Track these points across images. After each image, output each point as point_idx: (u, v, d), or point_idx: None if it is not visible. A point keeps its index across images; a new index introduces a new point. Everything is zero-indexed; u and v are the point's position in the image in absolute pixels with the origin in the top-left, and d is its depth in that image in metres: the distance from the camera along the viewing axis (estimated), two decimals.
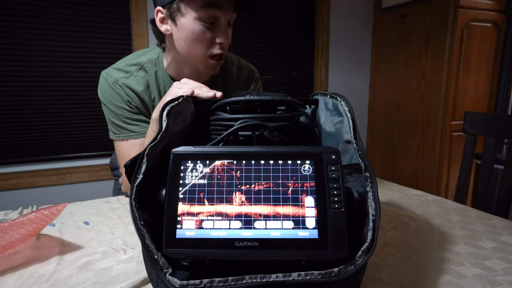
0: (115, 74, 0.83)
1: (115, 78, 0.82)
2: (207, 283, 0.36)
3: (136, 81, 0.83)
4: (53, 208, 0.59)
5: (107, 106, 0.83)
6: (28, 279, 0.49)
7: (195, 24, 0.75)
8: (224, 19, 0.76)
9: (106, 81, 0.83)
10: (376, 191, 0.42)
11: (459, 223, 0.69)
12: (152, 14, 0.84)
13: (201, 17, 0.74)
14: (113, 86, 0.82)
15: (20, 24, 1.71)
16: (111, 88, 0.82)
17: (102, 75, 0.84)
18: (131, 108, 0.83)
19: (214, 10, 0.74)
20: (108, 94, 0.82)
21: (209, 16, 0.74)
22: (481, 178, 1.08)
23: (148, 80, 0.84)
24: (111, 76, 0.83)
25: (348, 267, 0.37)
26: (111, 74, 0.83)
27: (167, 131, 0.46)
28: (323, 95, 0.61)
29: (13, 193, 1.84)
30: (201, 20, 0.75)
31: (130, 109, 0.82)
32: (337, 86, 2.60)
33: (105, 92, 0.83)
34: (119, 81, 0.82)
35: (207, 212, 0.39)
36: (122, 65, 0.85)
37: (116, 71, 0.84)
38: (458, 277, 0.49)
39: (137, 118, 0.83)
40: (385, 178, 1.06)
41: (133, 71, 0.84)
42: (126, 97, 0.82)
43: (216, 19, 0.76)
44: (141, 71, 0.84)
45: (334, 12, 2.50)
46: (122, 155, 0.85)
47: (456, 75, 2.14)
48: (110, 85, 0.82)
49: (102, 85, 0.84)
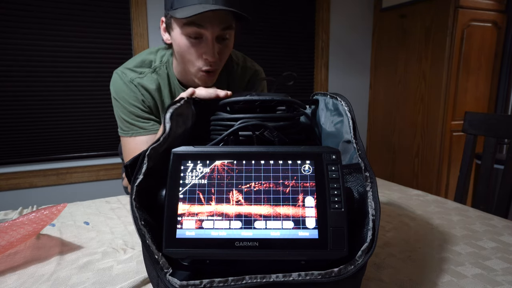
0: (130, 74, 0.84)
1: (131, 78, 0.83)
2: (207, 283, 0.36)
3: (150, 80, 0.85)
4: (53, 208, 0.59)
5: (120, 102, 0.84)
6: (28, 279, 0.49)
7: (182, 38, 0.75)
8: (210, 35, 0.74)
9: (122, 79, 0.84)
10: (376, 191, 0.42)
11: (459, 223, 0.69)
12: (152, 14, 0.84)
13: (186, 33, 0.74)
14: (128, 85, 0.83)
15: (20, 24, 1.71)
16: (126, 86, 0.83)
17: (116, 73, 0.85)
18: (144, 107, 0.84)
19: (196, 28, 0.73)
20: (123, 92, 0.83)
21: (193, 31, 0.74)
22: (481, 178, 1.08)
23: (160, 83, 0.86)
24: (126, 75, 0.84)
25: (348, 267, 0.37)
26: (126, 73, 0.84)
27: (170, 134, 0.46)
28: (323, 95, 0.61)
29: (13, 193, 1.84)
30: (187, 35, 0.75)
31: (143, 108, 0.84)
32: (337, 86, 2.60)
33: (120, 89, 0.84)
34: (134, 81, 0.83)
35: (207, 212, 0.39)
36: (134, 65, 0.86)
37: (130, 71, 0.85)
38: (458, 277, 0.49)
39: (147, 117, 0.85)
40: (385, 178, 1.06)
41: (146, 73, 0.85)
42: (141, 97, 0.83)
43: (202, 35, 0.74)
44: (154, 74, 0.86)
45: (334, 12, 2.50)
46: (128, 152, 0.86)
47: (456, 75, 2.14)
48: (126, 83, 0.83)
49: (117, 83, 0.84)
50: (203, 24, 0.72)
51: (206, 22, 0.72)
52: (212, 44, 0.75)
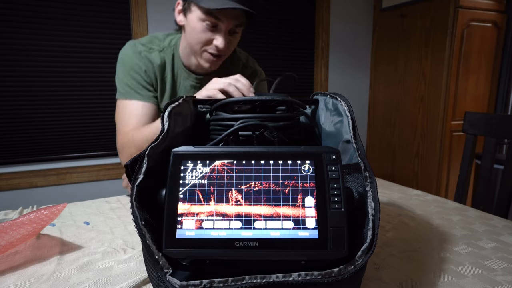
0: (140, 47, 0.92)
1: (140, 50, 0.92)
2: (207, 283, 0.36)
3: (156, 57, 0.93)
4: (53, 208, 0.59)
5: (124, 67, 0.91)
6: (28, 279, 0.49)
7: (198, 23, 0.84)
8: (224, 28, 0.83)
9: (132, 49, 0.92)
10: (375, 191, 0.42)
11: (459, 223, 0.69)
12: (152, 14, 0.86)
13: (203, 20, 0.83)
14: (137, 55, 0.91)
15: (20, 24, 1.71)
16: (134, 56, 0.91)
17: (129, 43, 0.93)
18: (145, 78, 0.91)
19: (214, 19, 0.82)
20: (130, 59, 0.91)
21: (211, 21, 0.82)
22: (481, 178, 1.08)
23: (165, 61, 0.94)
24: (137, 47, 0.92)
25: (348, 267, 0.37)
26: (136, 45, 0.92)
27: (168, 132, 0.46)
28: (323, 95, 0.61)
29: (13, 193, 1.84)
30: (203, 22, 0.83)
31: (144, 78, 0.91)
32: (337, 86, 2.60)
33: (127, 56, 0.91)
34: (142, 53, 0.91)
35: (207, 212, 0.39)
36: (146, 42, 0.94)
37: (141, 45, 0.93)
38: (458, 277, 0.49)
39: (146, 87, 0.91)
40: (385, 178, 1.06)
41: (154, 50, 0.93)
42: (144, 67, 0.91)
43: (217, 25, 0.83)
44: (161, 52, 0.94)
45: (334, 12, 2.50)
46: (122, 115, 0.91)
47: (456, 75, 2.14)
48: (135, 53, 0.91)
49: (127, 51, 0.92)
50: (221, 17, 0.81)
51: (224, 16, 0.81)
52: (224, 35, 0.84)
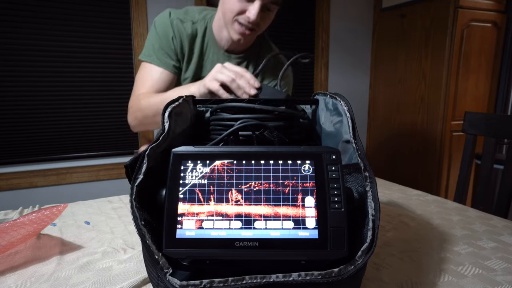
0: (174, 16, 0.97)
1: (172, 18, 0.97)
2: (207, 283, 0.36)
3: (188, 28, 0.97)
4: (54, 208, 0.59)
5: (156, 29, 0.96)
6: (28, 279, 0.49)
7: None
8: (260, 1, 0.86)
9: (168, 16, 0.97)
10: (375, 191, 0.42)
11: (459, 223, 0.69)
12: (152, 14, 0.86)
13: None
14: (168, 22, 0.96)
15: (19, 24, 1.71)
16: (168, 21, 0.96)
17: (168, 10, 0.98)
18: (170, 46, 0.96)
19: None
20: (163, 23, 0.96)
21: None
22: (481, 178, 1.08)
23: (197, 34, 0.98)
24: (172, 16, 0.97)
25: (348, 267, 0.37)
26: (173, 14, 0.97)
27: (169, 133, 0.46)
28: (323, 95, 0.61)
29: (13, 193, 1.84)
30: None
31: (169, 45, 0.96)
32: (337, 86, 2.60)
33: (162, 21, 0.97)
34: (174, 21, 0.96)
35: (207, 212, 0.39)
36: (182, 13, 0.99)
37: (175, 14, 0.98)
38: (458, 277, 0.49)
39: (169, 54, 0.96)
40: (385, 178, 1.06)
41: (188, 21, 0.98)
42: (172, 35, 0.96)
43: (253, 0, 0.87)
44: (194, 25, 0.98)
45: (334, 12, 2.50)
46: (141, 78, 0.97)
47: (456, 75, 2.14)
48: (169, 19, 0.96)
49: (163, 16, 0.97)
50: None
51: None
52: (258, 8, 0.87)
